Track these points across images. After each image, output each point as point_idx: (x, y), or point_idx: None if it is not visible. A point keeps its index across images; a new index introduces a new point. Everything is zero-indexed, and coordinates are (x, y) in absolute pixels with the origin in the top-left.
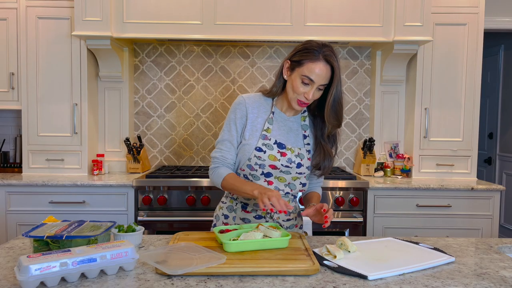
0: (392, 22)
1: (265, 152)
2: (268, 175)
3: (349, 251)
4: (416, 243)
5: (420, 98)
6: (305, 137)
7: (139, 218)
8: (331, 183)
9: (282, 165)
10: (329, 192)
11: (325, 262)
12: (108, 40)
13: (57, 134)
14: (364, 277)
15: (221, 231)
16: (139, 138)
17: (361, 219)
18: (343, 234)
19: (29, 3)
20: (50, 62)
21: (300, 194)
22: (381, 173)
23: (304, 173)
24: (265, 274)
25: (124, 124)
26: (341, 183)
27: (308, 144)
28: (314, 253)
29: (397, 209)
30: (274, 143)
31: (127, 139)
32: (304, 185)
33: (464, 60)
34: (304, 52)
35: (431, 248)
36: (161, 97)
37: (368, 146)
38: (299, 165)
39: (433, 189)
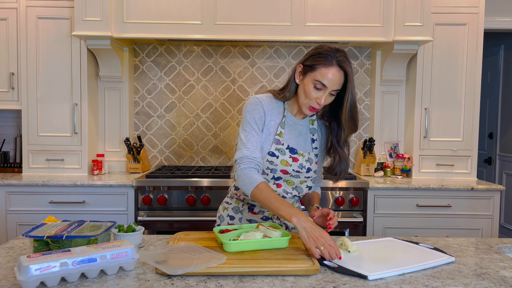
0: (392, 22)
1: (277, 157)
2: (278, 179)
3: (349, 251)
4: (416, 243)
5: (420, 98)
6: (313, 141)
7: (139, 218)
8: (331, 183)
9: (293, 170)
10: (329, 192)
11: (325, 262)
12: (108, 40)
13: (57, 134)
14: (364, 277)
15: (221, 231)
16: (139, 138)
17: (361, 219)
18: (343, 234)
19: (29, 3)
20: (50, 62)
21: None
22: (381, 173)
23: (311, 177)
24: (265, 274)
25: (124, 124)
26: (341, 183)
27: (316, 148)
28: None
29: (397, 209)
30: (286, 148)
31: (127, 139)
32: (310, 188)
33: (464, 60)
34: (317, 57)
35: (431, 248)
36: (161, 97)
37: (368, 146)
38: (308, 170)
39: (433, 189)
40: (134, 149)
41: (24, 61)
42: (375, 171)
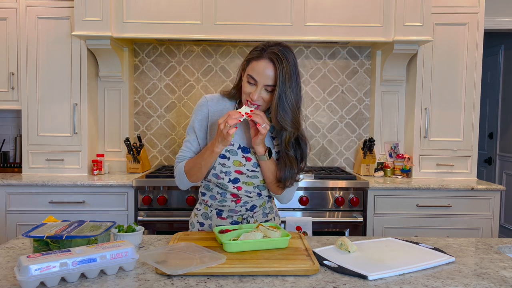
0: (392, 22)
1: (229, 158)
2: (235, 181)
3: (349, 251)
4: (416, 243)
5: (420, 98)
6: (273, 138)
7: (139, 218)
8: (331, 183)
9: (248, 170)
10: (329, 192)
11: (325, 262)
12: (108, 40)
13: (57, 134)
14: (364, 277)
15: (221, 231)
16: (139, 138)
17: (361, 219)
18: (343, 234)
19: (29, 3)
20: (50, 62)
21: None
22: (381, 173)
23: None
24: (265, 274)
25: (124, 124)
26: (341, 183)
27: (278, 145)
28: (314, 253)
29: (397, 209)
30: (238, 148)
31: (127, 139)
32: None
33: (464, 60)
34: (253, 51)
35: (431, 248)
36: (161, 97)
37: (368, 146)
38: None
39: (433, 189)
40: (134, 149)
41: (24, 61)
42: (375, 171)
